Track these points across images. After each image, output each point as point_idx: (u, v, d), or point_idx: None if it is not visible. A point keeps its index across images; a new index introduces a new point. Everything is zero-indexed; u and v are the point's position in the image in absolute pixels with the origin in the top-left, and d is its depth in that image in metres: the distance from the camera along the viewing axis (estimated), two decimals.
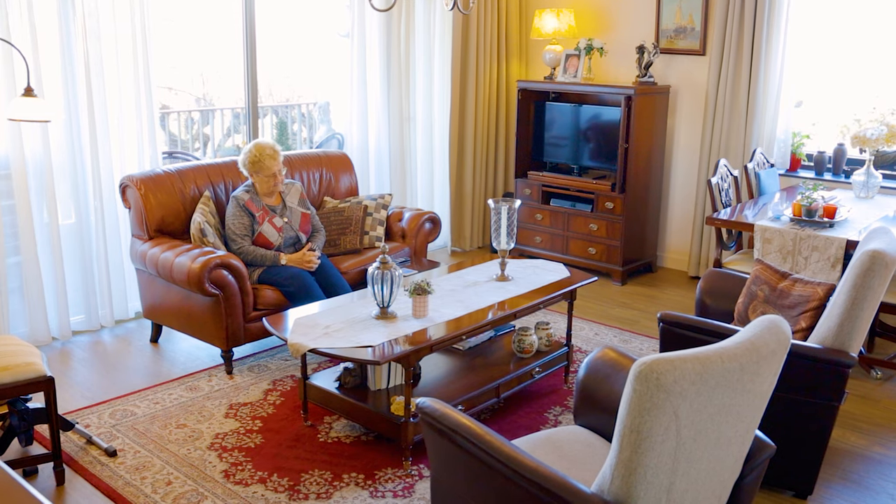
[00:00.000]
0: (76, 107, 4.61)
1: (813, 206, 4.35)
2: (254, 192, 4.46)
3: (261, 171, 4.42)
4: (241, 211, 4.40)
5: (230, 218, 4.41)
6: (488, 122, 6.81)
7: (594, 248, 6.06)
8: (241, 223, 4.39)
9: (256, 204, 4.44)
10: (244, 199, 4.41)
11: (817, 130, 5.86)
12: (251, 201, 4.42)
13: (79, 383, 4.15)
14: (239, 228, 4.38)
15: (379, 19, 6.00)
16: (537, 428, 3.70)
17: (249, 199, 4.42)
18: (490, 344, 4.15)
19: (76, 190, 4.71)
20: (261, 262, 4.36)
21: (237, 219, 4.39)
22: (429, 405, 2.36)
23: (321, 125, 8.19)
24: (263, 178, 4.44)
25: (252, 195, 4.44)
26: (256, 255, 4.35)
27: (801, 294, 3.43)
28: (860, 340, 3.06)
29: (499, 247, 4.05)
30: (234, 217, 4.40)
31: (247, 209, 4.40)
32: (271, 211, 4.48)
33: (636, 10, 6.22)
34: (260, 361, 4.44)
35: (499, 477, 2.14)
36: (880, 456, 3.59)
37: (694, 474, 1.99)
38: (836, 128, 5.72)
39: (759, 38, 5.53)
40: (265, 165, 4.42)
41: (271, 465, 3.34)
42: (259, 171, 4.43)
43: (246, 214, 4.40)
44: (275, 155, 4.44)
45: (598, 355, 2.85)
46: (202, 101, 8.08)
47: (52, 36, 4.47)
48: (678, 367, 1.84)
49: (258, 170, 4.42)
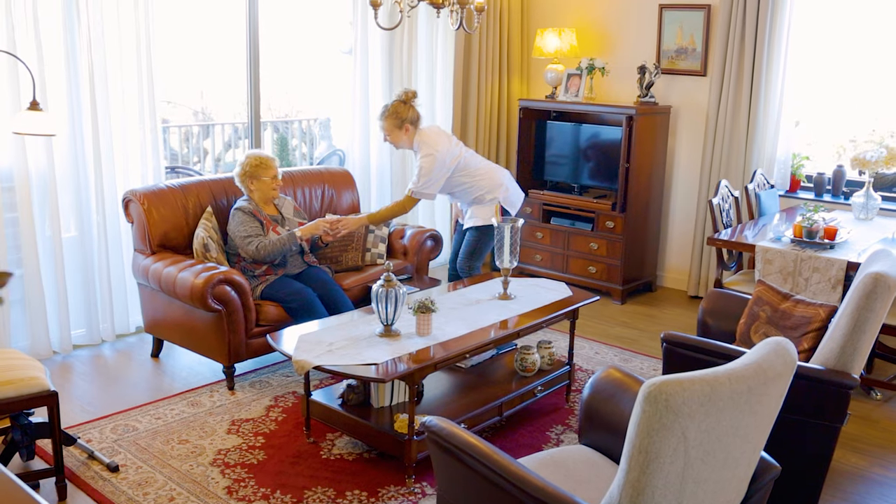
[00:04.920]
0: (80, 120, 4.63)
1: (814, 228, 4.38)
2: (254, 204, 4.49)
3: (261, 174, 4.46)
4: (248, 217, 4.41)
5: (237, 226, 4.40)
6: (489, 140, 6.84)
7: (594, 267, 6.08)
8: (251, 226, 4.39)
9: (260, 213, 4.47)
10: (249, 207, 4.44)
11: (813, 151, 5.91)
12: (256, 210, 4.45)
13: (79, 397, 4.14)
14: (251, 230, 4.38)
15: (382, 37, 6.04)
16: (539, 447, 3.71)
17: (254, 208, 4.45)
18: (492, 362, 4.15)
19: (79, 203, 4.72)
20: (280, 248, 4.35)
21: (246, 224, 4.39)
22: (436, 424, 2.36)
23: (322, 141, 8.23)
24: (264, 182, 4.47)
25: (254, 206, 4.47)
26: (276, 243, 4.35)
27: (803, 315, 3.45)
28: (862, 362, 3.07)
29: (502, 265, 4.06)
30: (243, 223, 4.39)
31: (254, 216, 4.42)
32: (273, 220, 4.51)
33: (638, 30, 6.28)
34: (261, 377, 4.44)
35: (506, 496, 2.15)
36: (881, 477, 3.60)
37: (701, 495, 2.00)
38: (832, 148, 5.79)
39: (759, 59, 5.58)
40: (265, 166, 4.47)
41: (274, 482, 3.34)
42: (259, 176, 4.46)
43: (254, 219, 4.42)
44: (271, 159, 4.53)
45: (602, 375, 2.86)
46: (200, 114, 8.11)
47: (56, 49, 4.49)
48: (687, 388, 1.85)
49: (258, 174, 4.46)
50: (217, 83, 7.82)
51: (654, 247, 6.34)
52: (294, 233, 4.39)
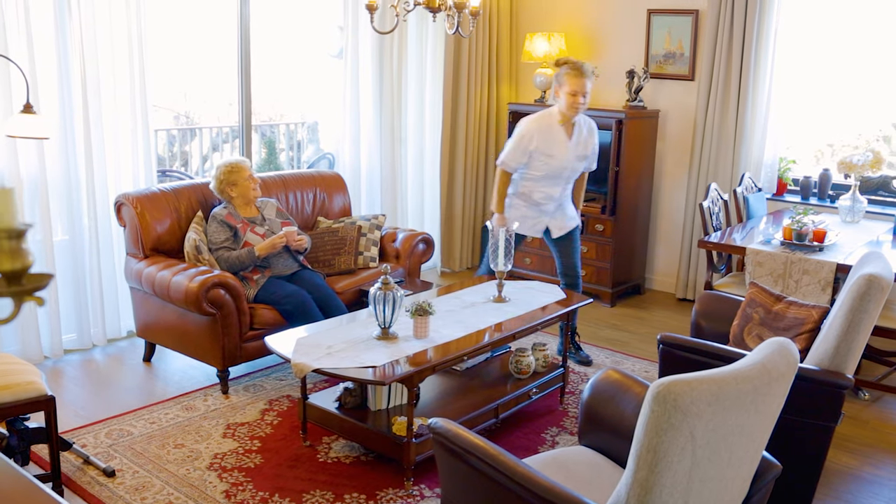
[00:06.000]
0: (71, 123, 4.61)
1: (803, 231, 4.43)
2: (231, 208, 4.51)
3: (239, 178, 4.50)
4: (220, 226, 4.45)
5: (211, 234, 4.46)
6: (479, 144, 6.87)
7: (584, 270, 6.10)
8: (222, 236, 4.44)
9: (236, 217, 4.49)
10: (222, 214, 4.48)
11: (793, 154, 5.99)
12: (230, 215, 4.48)
13: (72, 402, 4.11)
14: (221, 241, 4.43)
15: (372, 41, 6.05)
16: (535, 448, 3.73)
17: (228, 213, 4.48)
18: (486, 365, 4.17)
19: (70, 207, 4.69)
20: (239, 265, 4.37)
21: (216, 234, 4.44)
22: (441, 425, 2.37)
23: (310, 145, 8.22)
24: (242, 185, 4.50)
25: (230, 210, 4.49)
26: (231, 258, 4.37)
27: (796, 317, 3.50)
28: (855, 362, 3.12)
29: (496, 268, 4.08)
30: (213, 233, 4.45)
31: (226, 223, 4.45)
32: (251, 222, 4.51)
33: (626, 35, 6.33)
34: (255, 381, 4.43)
35: (513, 497, 2.16)
36: (871, 476, 3.65)
37: (707, 494, 2.02)
38: (812, 152, 5.90)
39: (746, 64, 5.64)
40: (238, 170, 4.50)
41: (272, 486, 3.33)
42: (236, 181, 4.50)
43: (225, 228, 4.44)
44: (241, 162, 4.55)
45: (602, 377, 2.89)
46: (182, 118, 8.07)
47: (48, 52, 4.47)
48: (695, 388, 1.87)
49: (236, 179, 4.50)
50: (201, 86, 7.78)
51: (642, 250, 6.39)
52: (253, 250, 4.39)
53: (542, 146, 4.43)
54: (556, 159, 4.46)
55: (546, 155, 4.44)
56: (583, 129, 4.53)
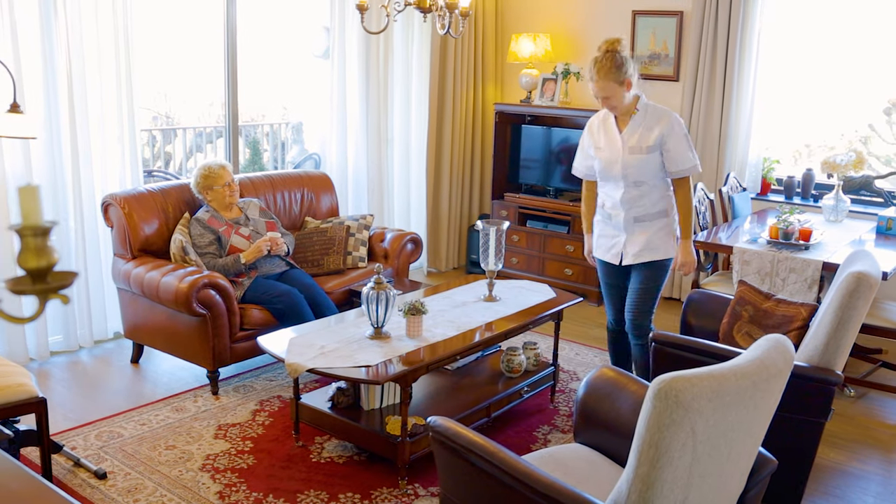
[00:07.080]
0: (57, 124, 4.56)
1: (790, 230, 4.48)
2: (213, 211, 4.50)
3: (214, 183, 4.50)
4: (203, 229, 4.44)
5: (196, 237, 4.44)
6: (465, 144, 6.88)
7: (570, 270, 6.15)
8: (207, 239, 4.43)
9: (219, 220, 4.48)
10: (205, 217, 4.47)
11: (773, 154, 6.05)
12: (213, 219, 4.47)
13: (60, 405, 4.08)
14: (205, 245, 4.42)
15: (359, 41, 6.04)
16: (528, 447, 3.74)
17: (210, 216, 4.46)
18: (477, 364, 4.18)
19: (56, 207, 4.65)
20: (226, 271, 4.35)
21: (203, 237, 4.43)
22: (441, 424, 2.38)
23: (294, 145, 8.19)
24: (218, 191, 4.51)
25: (212, 213, 4.48)
26: (217, 266, 4.35)
27: (785, 314, 3.54)
28: (844, 359, 3.17)
29: (486, 268, 4.09)
30: (197, 236, 4.44)
31: (209, 227, 4.44)
32: (234, 224, 4.50)
33: (611, 35, 6.33)
34: (245, 382, 4.41)
35: (514, 494, 2.18)
36: (858, 471, 3.70)
37: (706, 489, 2.05)
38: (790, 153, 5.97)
39: (731, 65, 5.70)
40: (217, 175, 4.50)
41: (266, 486, 3.32)
42: (213, 185, 4.50)
43: (209, 232, 4.42)
44: (223, 167, 4.55)
45: (596, 375, 2.91)
46: (161, 118, 8.02)
47: (34, 51, 4.43)
48: (696, 384, 1.89)
49: (211, 184, 4.50)
50: (182, 86, 7.72)
51: None
52: (239, 258, 4.38)
53: (593, 139, 3.99)
54: (604, 151, 3.89)
55: (595, 147, 3.95)
56: (645, 118, 3.84)
